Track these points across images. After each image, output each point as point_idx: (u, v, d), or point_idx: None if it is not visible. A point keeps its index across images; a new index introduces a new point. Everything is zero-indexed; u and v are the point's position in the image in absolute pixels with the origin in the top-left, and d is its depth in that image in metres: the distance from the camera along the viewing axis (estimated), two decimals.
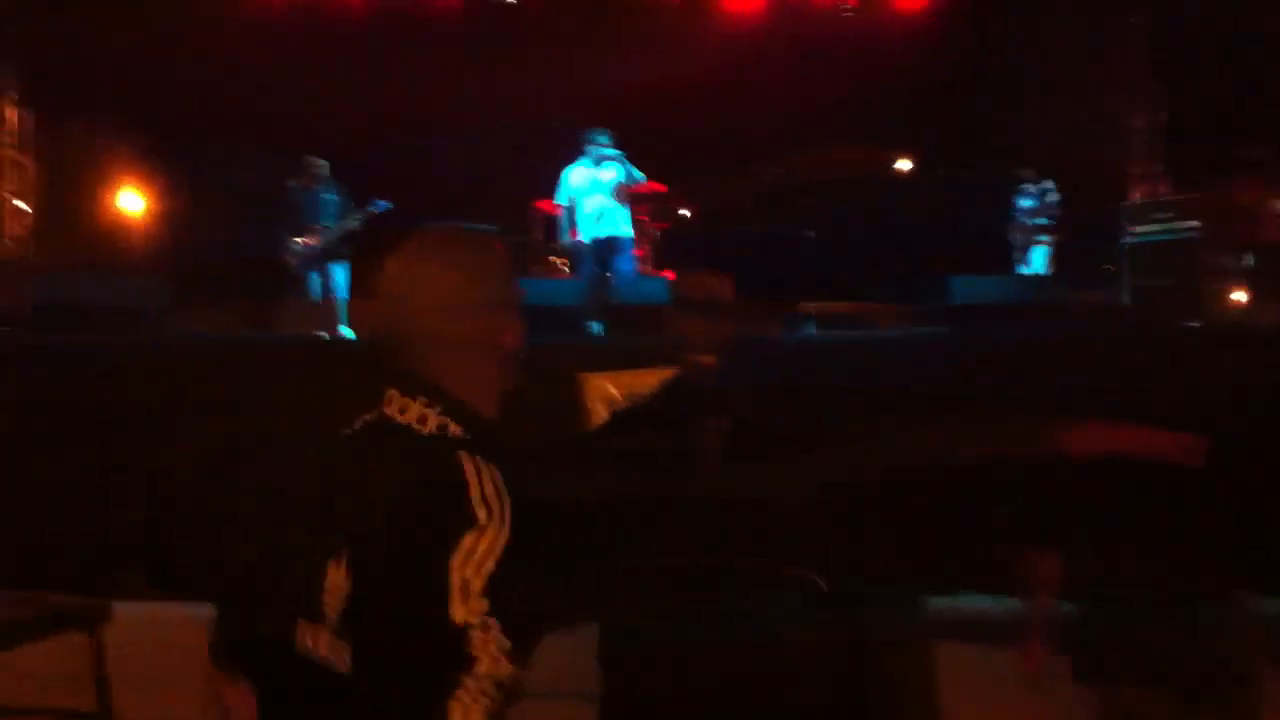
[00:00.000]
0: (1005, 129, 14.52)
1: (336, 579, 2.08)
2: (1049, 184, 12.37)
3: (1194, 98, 14.45)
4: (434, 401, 2.21)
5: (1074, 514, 2.86)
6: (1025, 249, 12.37)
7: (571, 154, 12.07)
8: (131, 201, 15.41)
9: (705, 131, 13.88)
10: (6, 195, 14.54)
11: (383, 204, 12.05)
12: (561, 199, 12.02)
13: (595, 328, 10.89)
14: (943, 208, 14.07)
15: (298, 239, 12.13)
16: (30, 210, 14.63)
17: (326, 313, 12.02)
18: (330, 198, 12.22)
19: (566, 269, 12.94)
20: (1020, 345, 8.33)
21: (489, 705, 1.99)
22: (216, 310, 12.67)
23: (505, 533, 2.07)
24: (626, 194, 11.60)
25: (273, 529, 2.31)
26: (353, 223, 12.06)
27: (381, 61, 15.03)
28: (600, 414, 7.96)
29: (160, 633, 6.57)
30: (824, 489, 3.14)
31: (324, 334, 11.38)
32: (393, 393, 2.22)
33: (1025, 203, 12.49)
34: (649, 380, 8.01)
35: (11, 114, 14.59)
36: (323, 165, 12.29)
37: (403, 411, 2.21)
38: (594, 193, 11.70)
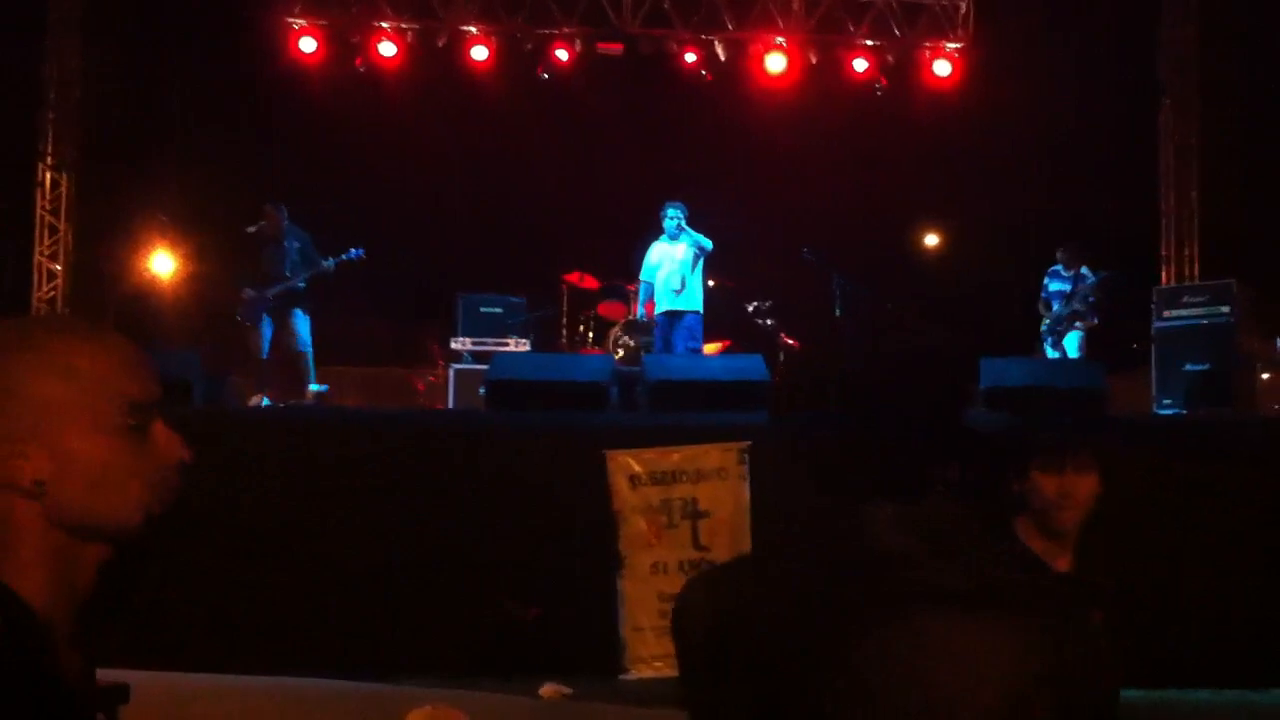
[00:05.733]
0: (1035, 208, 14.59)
1: None
2: (1085, 269, 12.26)
3: (1227, 180, 14.48)
4: None
5: None
6: (1058, 333, 12.26)
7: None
8: (163, 265, 15.55)
9: (737, 205, 13.90)
10: (40, 258, 14.66)
11: (356, 251, 11.49)
12: (645, 275, 12.09)
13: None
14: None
15: (249, 290, 11.36)
16: (61, 272, 14.72)
17: (284, 370, 11.46)
18: (292, 245, 11.42)
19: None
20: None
21: None
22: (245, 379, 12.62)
23: None
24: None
25: None
26: (319, 270, 11.34)
27: (416, 130, 15.16)
28: (623, 489, 7.96)
29: (176, 706, 6.52)
30: None
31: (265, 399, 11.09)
32: None
33: (1057, 285, 12.39)
34: (674, 457, 8.00)
35: (47, 178, 14.73)
36: (282, 212, 11.47)
37: None
38: (667, 268, 11.78)
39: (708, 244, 11.59)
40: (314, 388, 11.36)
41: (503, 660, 7.56)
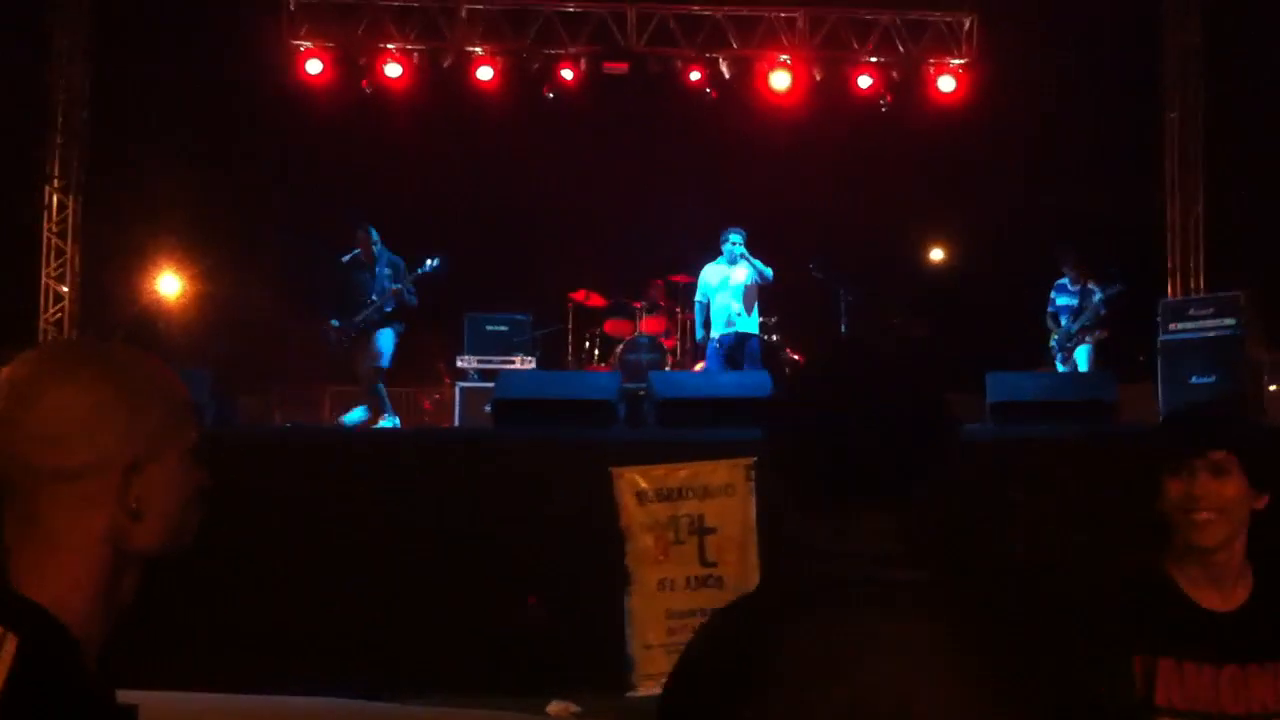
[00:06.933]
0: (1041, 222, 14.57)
1: None
2: (1091, 283, 12.21)
3: (1232, 190, 14.47)
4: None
5: None
6: (1068, 348, 12.22)
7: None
8: (171, 286, 15.58)
9: (743, 222, 13.94)
10: (48, 280, 14.69)
11: (431, 263, 11.36)
12: (699, 295, 12.03)
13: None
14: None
15: (335, 321, 11.23)
16: (68, 293, 14.74)
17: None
18: (384, 271, 11.29)
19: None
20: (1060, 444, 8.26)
21: None
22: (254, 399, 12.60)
23: None
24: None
25: None
26: (404, 300, 11.22)
27: (422, 150, 15.19)
28: (630, 505, 7.95)
29: None
30: None
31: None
32: None
33: (1064, 300, 12.36)
34: (681, 473, 7.99)
35: (54, 200, 14.76)
36: (372, 235, 11.35)
37: None
38: (726, 291, 11.70)
39: (769, 273, 11.52)
40: (347, 419, 11.27)
41: (511, 678, 7.55)
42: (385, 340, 11.25)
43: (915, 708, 1.46)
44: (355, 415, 11.13)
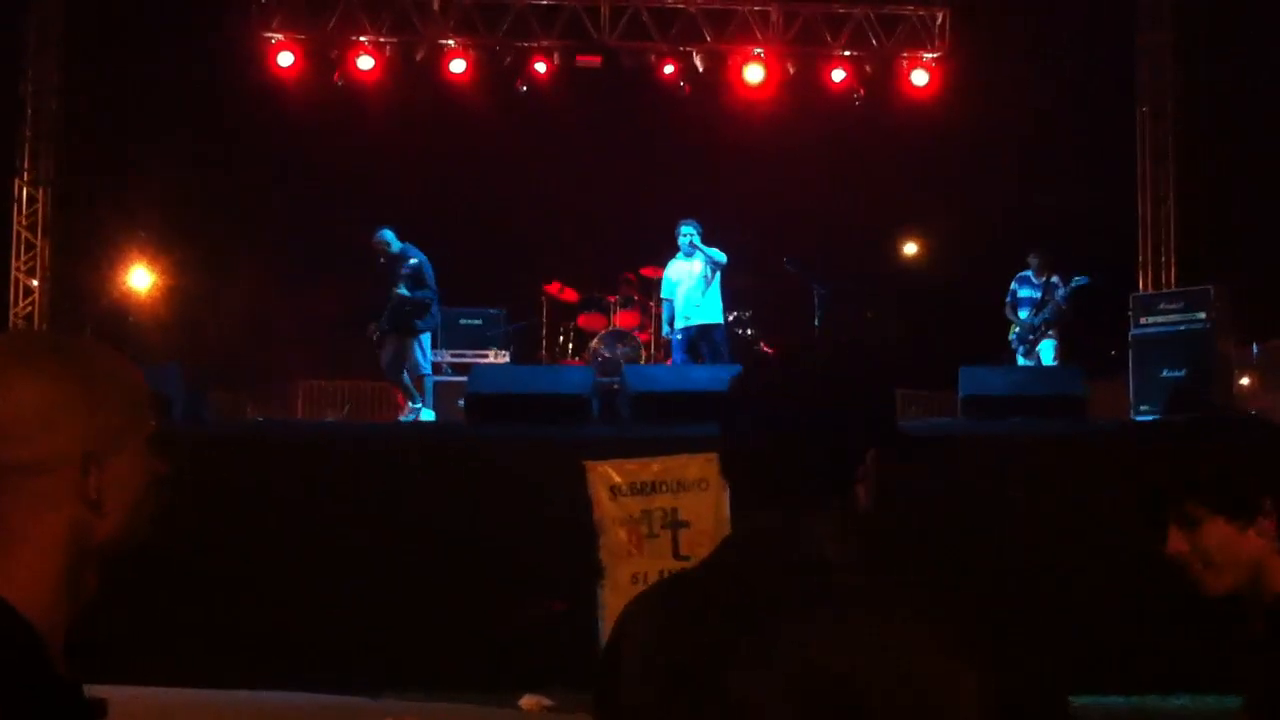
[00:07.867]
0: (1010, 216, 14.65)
1: None
2: (1055, 278, 12.18)
3: (1203, 186, 14.54)
4: None
5: None
6: (1030, 340, 12.21)
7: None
8: (141, 280, 15.49)
9: (716, 215, 13.96)
10: (17, 273, 14.57)
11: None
12: (664, 293, 12.01)
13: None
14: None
15: (372, 323, 11.42)
16: (38, 287, 14.62)
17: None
18: (402, 271, 11.35)
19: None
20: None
21: None
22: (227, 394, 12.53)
23: None
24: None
25: None
26: (419, 295, 11.29)
27: (394, 143, 15.14)
28: (604, 500, 7.95)
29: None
30: None
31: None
32: None
33: (1027, 292, 12.34)
34: (654, 468, 7.99)
35: (24, 193, 14.64)
36: (384, 236, 11.42)
37: None
38: (686, 284, 11.69)
39: (721, 258, 11.51)
40: (425, 414, 11.42)
41: (484, 672, 7.54)
42: (416, 349, 11.46)
43: (914, 708, 1.46)
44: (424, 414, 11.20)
